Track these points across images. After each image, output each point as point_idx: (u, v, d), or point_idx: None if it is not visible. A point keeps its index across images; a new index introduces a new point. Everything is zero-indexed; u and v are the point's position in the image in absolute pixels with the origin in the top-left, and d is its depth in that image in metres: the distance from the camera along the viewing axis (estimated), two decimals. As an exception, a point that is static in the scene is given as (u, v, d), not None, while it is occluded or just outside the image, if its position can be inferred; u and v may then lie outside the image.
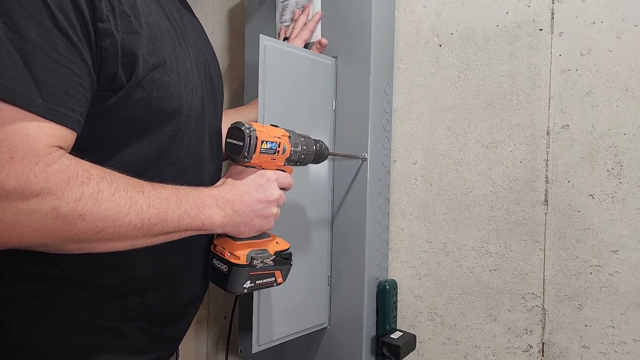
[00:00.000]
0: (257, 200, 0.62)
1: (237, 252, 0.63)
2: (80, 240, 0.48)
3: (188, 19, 0.69)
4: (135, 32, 0.53)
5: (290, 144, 0.66)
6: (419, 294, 0.91)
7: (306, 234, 0.85)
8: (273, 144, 0.63)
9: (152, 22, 0.56)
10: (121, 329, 0.60)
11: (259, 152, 0.61)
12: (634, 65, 0.70)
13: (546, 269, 0.77)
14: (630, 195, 0.70)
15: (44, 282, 0.56)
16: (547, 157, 0.77)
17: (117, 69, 0.52)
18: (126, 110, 0.55)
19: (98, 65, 0.51)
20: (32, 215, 0.44)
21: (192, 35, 0.67)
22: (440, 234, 0.88)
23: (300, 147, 0.67)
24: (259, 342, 0.76)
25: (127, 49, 0.52)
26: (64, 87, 0.47)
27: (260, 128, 0.62)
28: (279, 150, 0.64)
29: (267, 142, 0.62)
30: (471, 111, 0.84)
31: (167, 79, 0.57)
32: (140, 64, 0.53)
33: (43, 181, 0.44)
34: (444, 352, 0.88)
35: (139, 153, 0.57)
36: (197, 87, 0.64)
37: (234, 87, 1.22)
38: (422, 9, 0.90)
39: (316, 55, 0.85)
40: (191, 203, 0.56)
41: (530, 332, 0.79)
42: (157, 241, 0.55)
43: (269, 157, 0.64)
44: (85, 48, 0.49)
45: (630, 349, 0.71)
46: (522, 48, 0.79)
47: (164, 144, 0.60)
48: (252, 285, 0.65)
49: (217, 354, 1.30)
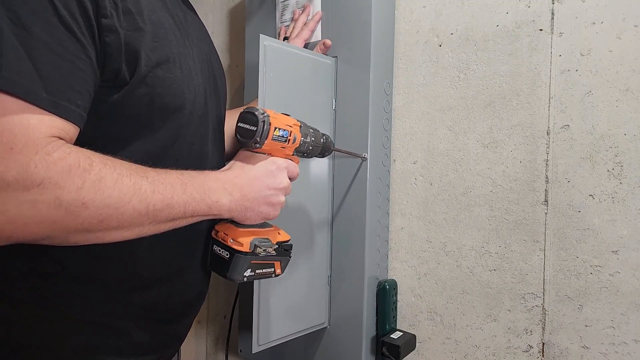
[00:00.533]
0: (266, 186, 0.62)
1: (240, 239, 0.62)
2: (85, 230, 0.47)
3: (191, 17, 0.69)
4: (138, 29, 0.53)
5: (300, 133, 0.65)
6: (419, 294, 0.91)
7: (306, 233, 0.85)
8: (285, 132, 0.62)
9: (155, 20, 0.56)
10: (124, 328, 0.60)
11: (270, 138, 0.60)
12: (634, 66, 0.70)
13: (546, 269, 0.77)
14: (630, 196, 0.70)
15: (48, 279, 0.55)
16: (547, 157, 0.77)
17: (121, 65, 0.52)
18: (129, 106, 0.55)
19: (102, 61, 0.51)
20: (34, 206, 0.43)
21: (195, 33, 0.67)
22: (440, 233, 0.88)
23: (309, 138, 0.67)
24: (259, 342, 0.76)
25: (130, 46, 0.52)
26: (68, 81, 0.47)
27: (273, 115, 0.61)
28: (290, 139, 0.63)
29: (279, 129, 0.61)
30: (471, 111, 0.84)
31: (170, 76, 0.57)
32: (144, 60, 0.53)
33: (44, 170, 0.43)
34: (443, 352, 0.88)
35: (142, 150, 0.57)
36: (200, 85, 0.64)
37: (235, 87, 1.22)
38: (422, 9, 0.90)
39: (316, 55, 0.85)
40: (197, 187, 0.55)
41: (530, 332, 0.79)
42: (165, 228, 0.54)
43: (279, 145, 0.62)
44: (89, 44, 0.49)
45: (630, 349, 0.71)
46: (522, 48, 0.79)
47: (167, 141, 0.59)
48: (252, 274, 0.64)
49: (216, 353, 1.30)
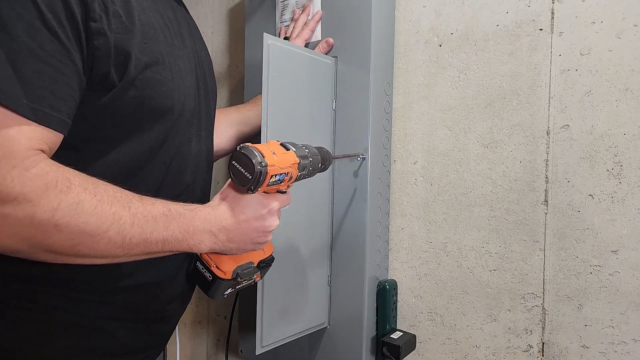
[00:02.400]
0: (255, 229, 0.60)
1: (223, 267, 0.62)
2: (55, 252, 0.46)
3: (181, 16, 0.68)
4: (128, 31, 0.52)
5: (298, 170, 0.61)
6: (419, 294, 0.91)
7: (306, 234, 0.85)
8: (282, 175, 0.58)
9: (145, 21, 0.55)
10: (109, 329, 0.60)
11: (266, 184, 0.57)
12: (634, 65, 0.70)
13: (546, 268, 0.77)
14: (630, 195, 0.70)
15: (31, 281, 0.55)
16: (547, 157, 0.77)
17: (110, 69, 0.51)
18: (118, 108, 0.54)
19: (90, 64, 0.50)
20: (6, 220, 0.42)
21: (186, 32, 0.67)
22: (440, 233, 0.88)
23: (307, 170, 0.63)
24: (262, 343, 0.76)
25: (119, 48, 0.51)
26: (50, 87, 0.45)
27: (272, 160, 0.56)
28: (286, 179, 0.60)
29: (276, 175, 0.57)
30: (471, 111, 0.84)
31: (159, 77, 0.56)
32: (133, 62, 0.53)
33: (19, 186, 0.42)
34: (444, 352, 0.88)
35: (131, 151, 0.57)
36: (191, 85, 0.63)
37: (234, 87, 1.22)
38: (422, 8, 0.90)
39: (316, 55, 0.85)
40: (181, 226, 0.53)
41: (530, 332, 0.79)
42: (139, 259, 0.52)
43: (274, 187, 0.60)
44: (75, 48, 0.47)
45: (630, 348, 0.71)
46: (522, 48, 0.79)
47: (156, 142, 0.59)
48: (232, 291, 0.65)
49: (217, 354, 1.30)
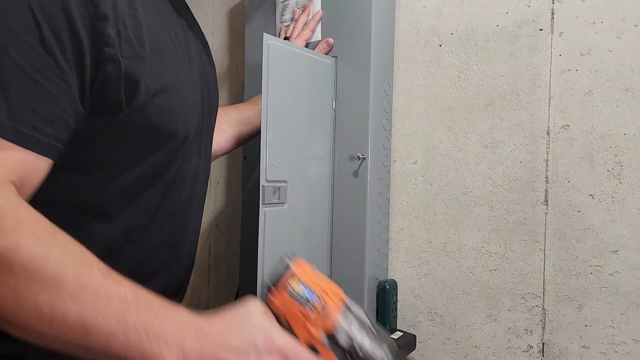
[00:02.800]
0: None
1: None
2: None
3: (191, 27, 0.66)
4: (139, 57, 0.51)
5: (339, 310, 0.46)
6: (419, 294, 0.91)
7: (306, 234, 0.85)
8: (311, 292, 0.45)
9: (155, 45, 0.54)
10: None
11: (283, 289, 0.45)
12: (634, 65, 0.70)
13: (546, 269, 0.77)
14: (630, 195, 0.70)
15: None
16: (547, 157, 0.77)
17: (119, 95, 0.50)
18: (123, 134, 0.52)
19: (98, 89, 0.48)
20: None
21: (194, 48, 0.65)
22: (440, 233, 0.88)
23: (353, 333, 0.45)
24: None
25: (130, 76, 0.50)
26: (37, 108, 0.42)
27: (302, 266, 0.47)
28: (317, 307, 0.45)
29: (302, 283, 0.45)
30: (471, 111, 0.84)
31: (167, 104, 0.55)
32: (142, 90, 0.51)
33: None
34: (443, 352, 0.88)
35: (134, 175, 0.56)
36: (197, 103, 0.63)
37: (234, 87, 1.22)
38: (422, 9, 0.90)
39: (316, 55, 0.85)
40: (141, 322, 0.39)
41: (530, 332, 0.79)
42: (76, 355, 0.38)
43: (297, 308, 0.45)
44: (72, 70, 0.45)
45: (630, 349, 0.71)
46: (522, 48, 0.79)
47: (159, 166, 0.58)
48: None
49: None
